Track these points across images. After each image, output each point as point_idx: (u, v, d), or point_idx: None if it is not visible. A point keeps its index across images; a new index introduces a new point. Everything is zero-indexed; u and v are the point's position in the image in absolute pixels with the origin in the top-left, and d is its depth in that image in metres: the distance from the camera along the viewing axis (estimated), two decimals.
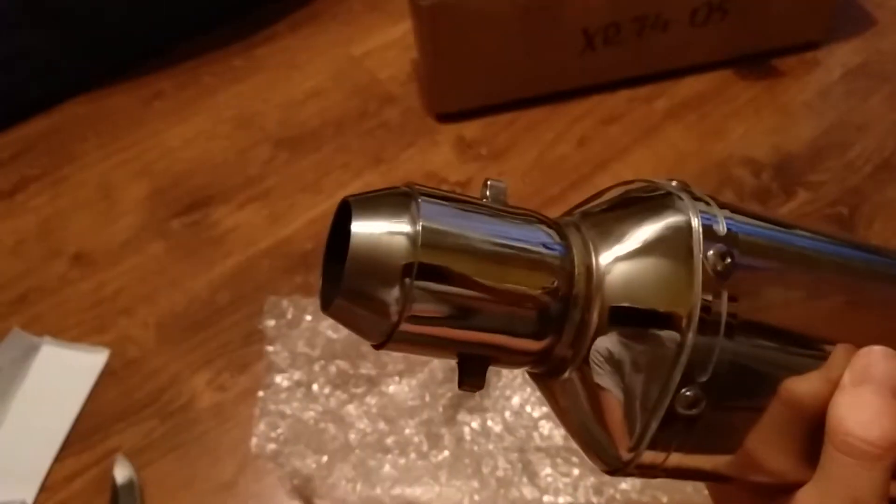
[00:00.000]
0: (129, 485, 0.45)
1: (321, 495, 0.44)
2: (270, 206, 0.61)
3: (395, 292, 0.19)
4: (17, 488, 0.46)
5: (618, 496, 0.44)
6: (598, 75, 0.65)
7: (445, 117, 0.66)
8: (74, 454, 0.48)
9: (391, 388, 0.48)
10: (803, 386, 0.21)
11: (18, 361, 0.51)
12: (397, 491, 0.44)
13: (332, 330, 0.50)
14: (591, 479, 0.44)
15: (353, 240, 0.19)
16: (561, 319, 0.20)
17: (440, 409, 0.47)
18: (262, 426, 0.47)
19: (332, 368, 0.49)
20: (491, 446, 0.46)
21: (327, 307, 0.20)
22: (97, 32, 0.69)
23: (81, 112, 0.69)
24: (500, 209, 0.21)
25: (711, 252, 0.20)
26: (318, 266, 0.59)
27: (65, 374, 0.50)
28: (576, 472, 0.45)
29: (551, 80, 0.65)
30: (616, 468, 0.22)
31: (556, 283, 0.20)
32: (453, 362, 0.22)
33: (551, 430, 0.46)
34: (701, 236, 0.20)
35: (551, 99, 0.65)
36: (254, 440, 0.47)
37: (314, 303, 0.52)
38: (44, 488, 0.47)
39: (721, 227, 0.21)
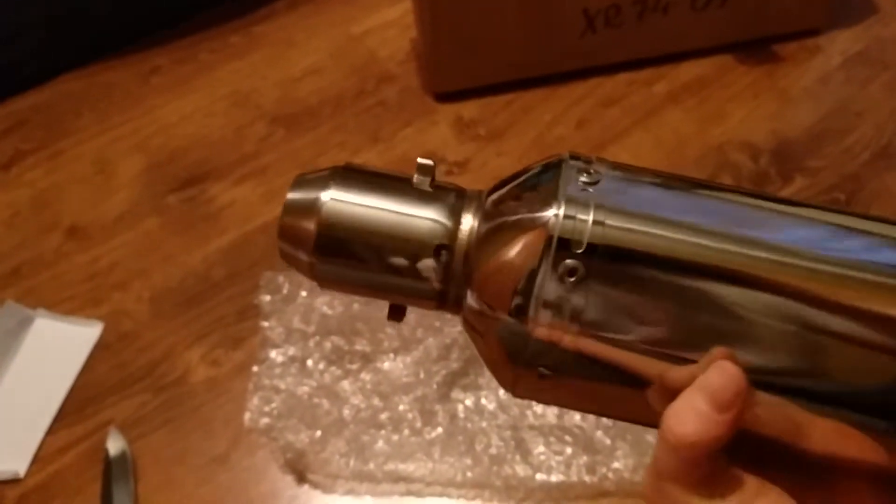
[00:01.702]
0: (122, 457, 0.45)
1: (314, 470, 0.44)
2: (267, 183, 0.61)
3: (304, 255, 0.25)
4: (9, 460, 0.46)
5: (610, 475, 0.44)
6: (598, 57, 0.65)
7: (444, 97, 0.65)
8: (67, 426, 0.48)
9: (386, 365, 0.48)
10: (674, 374, 0.23)
11: (12, 333, 0.51)
12: (390, 466, 0.44)
13: (327, 306, 0.50)
14: (584, 458, 0.44)
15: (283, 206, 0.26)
16: (446, 268, 0.24)
17: (434, 387, 0.47)
18: (255, 401, 0.47)
19: (327, 344, 0.49)
20: (484, 424, 0.46)
21: None
22: (95, 7, 0.69)
23: (78, 87, 0.69)
24: (413, 186, 0.25)
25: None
26: None
27: (58, 347, 0.50)
28: (569, 450, 0.45)
29: (551, 61, 0.64)
30: (517, 354, 0.23)
31: (438, 242, 0.24)
32: (448, 340, 0.24)
33: (545, 409, 0.46)
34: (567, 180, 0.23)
35: (551, 80, 0.65)
36: (247, 414, 0.47)
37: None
38: (36, 460, 0.47)
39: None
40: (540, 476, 0.44)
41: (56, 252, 0.57)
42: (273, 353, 0.48)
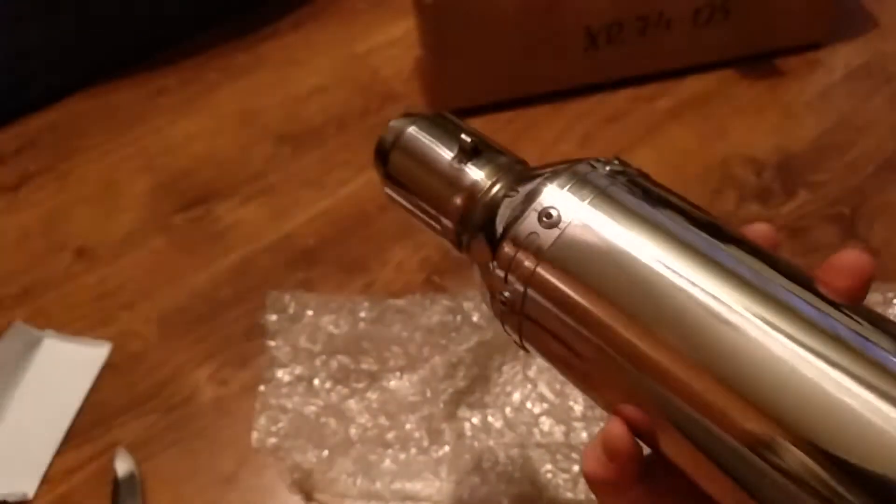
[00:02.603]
0: (130, 478, 0.45)
1: (321, 489, 0.44)
2: (273, 202, 0.61)
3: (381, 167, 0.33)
4: (18, 481, 0.46)
5: None
6: (600, 74, 0.65)
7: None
8: (75, 447, 0.48)
9: (392, 384, 0.48)
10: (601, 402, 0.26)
11: (20, 355, 0.52)
12: (397, 486, 0.44)
13: (333, 325, 0.50)
14: None
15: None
16: (463, 213, 0.29)
17: (441, 405, 0.47)
18: (262, 420, 0.47)
19: (334, 363, 0.49)
20: (491, 442, 0.46)
21: None
22: (101, 28, 0.69)
23: (85, 107, 0.69)
24: (480, 143, 0.31)
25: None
26: (319, 262, 0.59)
27: (67, 368, 0.51)
28: (576, 468, 0.45)
29: (554, 78, 0.65)
30: (500, 273, 0.26)
31: (463, 195, 0.29)
32: (454, 358, 0.33)
33: (552, 427, 0.46)
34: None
35: (553, 97, 0.66)
36: (254, 434, 0.47)
37: (316, 298, 0.52)
38: (45, 481, 0.47)
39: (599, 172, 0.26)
40: (548, 494, 0.44)
41: (65, 273, 0.57)
42: (279, 373, 0.49)
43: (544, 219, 0.25)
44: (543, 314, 0.25)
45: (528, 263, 0.25)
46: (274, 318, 0.51)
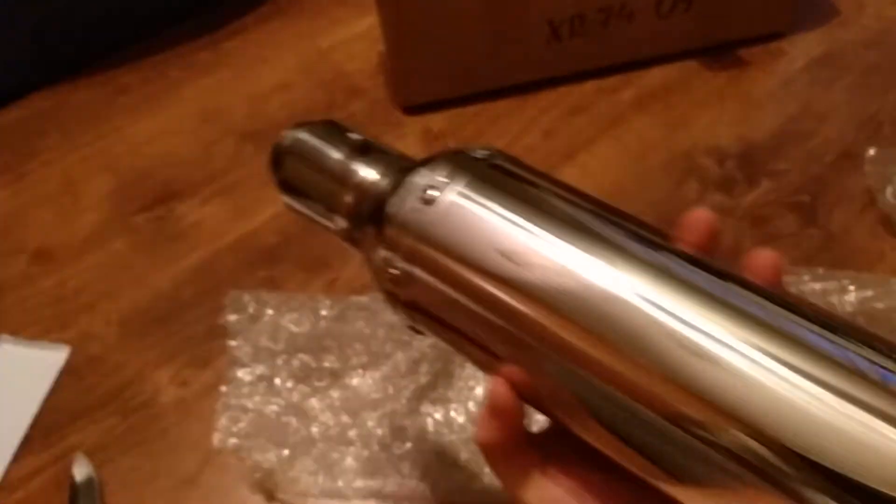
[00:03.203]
0: (89, 482, 0.45)
1: (283, 489, 0.44)
2: (235, 201, 0.61)
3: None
4: None
5: None
6: (564, 66, 0.65)
7: (412, 109, 0.65)
8: (33, 453, 0.47)
9: (354, 381, 0.48)
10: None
11: None
12: (359, 483, 0.44)
13: (294, 324, 0.50)
14: None
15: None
16: (355, 210, 0.31)
17: (403, 401, 0.47)
18: (223, 421, 0.46)
19: (295, 362, 0.49)
20: (454, 437, 0.46)
21: None
22: (60, 26, 0.68)
23: (44, 107, 0.68)
24: (367, 142, 0.33)
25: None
26: (282, 260, 0.59)
27: (23, 373, 0.50)
28: None
29: (517, 71, 0.65)
30: (382, 253, 0.28)
31: (353, 192, 0.31)
32: (416, 354, 0.38)
33: None
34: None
35: (518, 90, 0.65)
36: (216, 435, 0.46)
37: (276, 297, 0.52)
38: (1, 487, 0.46)
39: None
40: None
41: (21, 276, 0.56)
42: (240, 373, 0.48)
43: (424, 199, 0.26)
44: (427, 288, 0.27)
45: (409, 241, 0.27)
46: (234, 317, 0.50)
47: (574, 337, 0.23)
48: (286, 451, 0.45)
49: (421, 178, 0.28)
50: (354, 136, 0.32)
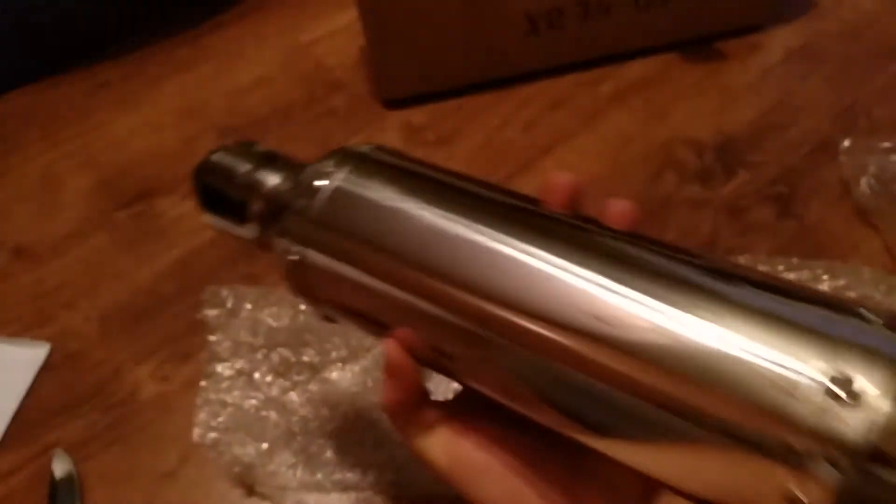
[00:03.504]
0: (69, 478, 0.45)
1: (262, 482, 0.44)
2: None
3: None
4: None
5: None
6: (543, 60, 0.65)
7: (393, 103, 0.66)
8: (13, 450, 0.47)
9: (334, 375, 0.48)
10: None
11: None
12: (338, 476, 0.44)
13: (273, 318, 0.50)
14: None
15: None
16: (265, 215, 0.34)
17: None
18: (202, 415, 0.47)
19: (275, 356, 0.49)
20: None
21: None
22: (41, 23, 0.68)
23: (24, 104, 0.68)
24: (274, 153, 0.36)
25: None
26: (263, 256, 0.59)
27: (3, 370, 0.50)
28: None
29: (497, 65, 0.65)
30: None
31: (261, 199, 0.34)
32: None
33: None
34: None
35: (498, 84, 0.66)
36: (195, 430, 0.47)
37: (255, 291, 0.52)
38: None
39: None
40: None
41: (1, 273, 0.56)
42: (220, 367, 0.48)
43: (313, 189, 0.30)
44: (320, 267, 0.29)
45: (301, 225, 0.30)
46: (214, 312, 0.51)
47: (450, 289, 0.26)
48: (265, 445, 0.45)
49: (311, 172, 0.31)
50: (262, 149, 0.36)
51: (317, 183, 0.30)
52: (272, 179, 0.33)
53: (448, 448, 0.29)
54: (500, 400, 0.27)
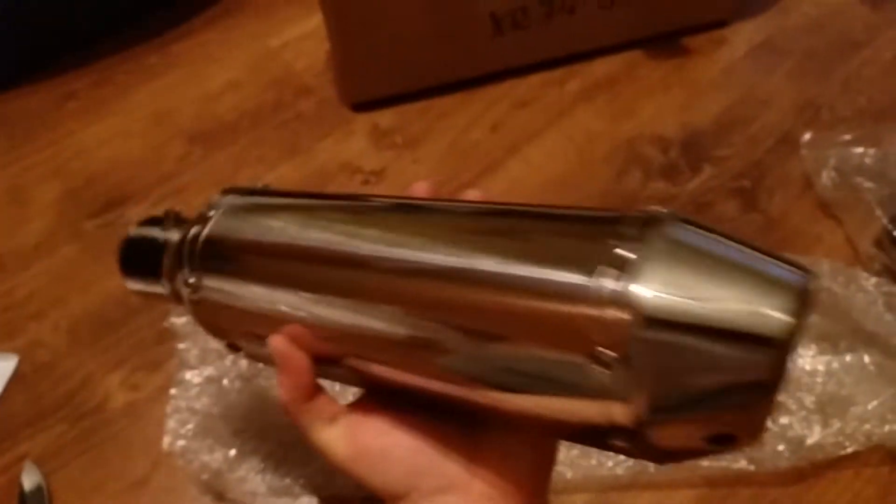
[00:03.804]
0: (38, 490, 0.45)
1: (231, 488, 0.45)
2: (185, 203, 0.61)
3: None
4: None
5: None
6: (509, 60, 0.66)
7: (360, 106, 0.66)
8: None
9: None
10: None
11: None
12: (306, 480, 0.45)
13: None
14: None
15: None
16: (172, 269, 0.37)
17: (350, 398, 0.47)
18: (171, 423, 0.47)
19: (243, 363, 0.49)
20: None
21: None
22: (6, 32, 0.68)
23: None
24: (178, 218, 0.39)
25: None
26: None
27: None
28: None
29: (463, 66, 0.65)
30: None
31: (168, 255, 0.37)
32: None
33: None
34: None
35: (464, 85, 0.66)
36: (165, 438, 0.47)
37: None
38: None
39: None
40: None
41: None
42: (188, 375, 0.49)
43: (202, 223, 0.35)
44: (214, 288, 0.34)
45: (196, 254, 0.34)
46: (181, 320, 0.51)
47: (302, 268, 0.31)
48: (233, 452, 0.45)
49: (202, 212, 0.36)
50: (176, 215, 0.39)
51: (195, 230, 0.35)
52: (175, 236, 0.36)
53: (349, 438, 0.31)
54: (381, 374, 0.30)
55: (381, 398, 0.31)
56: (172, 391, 0.49)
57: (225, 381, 0.49)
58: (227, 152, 0.64)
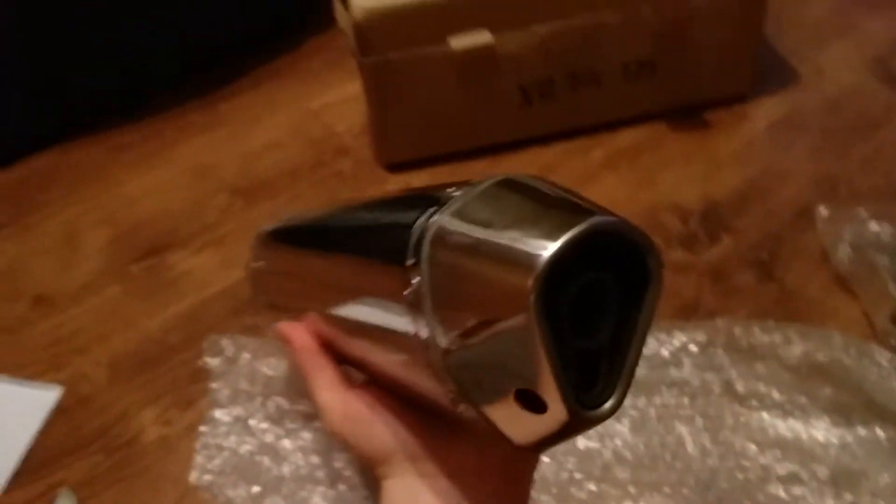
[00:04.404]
0: None
1: None
2: (224, 252, 0.64)
3: None
4: None
5: None
6: (536, 128, 0.69)
7: (395, 167, 0.69)
8: (21, 486, 0.50)
9: None
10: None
11: None
12: None
13: (269, 368, 0.53)
14: None
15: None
16: None
17: None
18: (199, 458, 0.49)
19: (271, 405, 0.51)
20: None
21: None
22: (68, 88, 0.73)
23: (49, 164, 0.73)
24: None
25: None
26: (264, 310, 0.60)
27: (17, 410, 0.53)
28: None
29: (492, 132, 0.69)
30: None
31: None
32: None
33: None
34: None
35: (493, 150, 0.69)
36: (193, 473, 0.49)
37: (254, 341, 0.55)
38: None
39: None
40: None
41: (21, 319, 0.60)
42: (218, 413, 0.51)
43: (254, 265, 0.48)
44: (265, 272, 0.47)
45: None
46: (215, 361, 0.53)
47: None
48: (257, 489, 0.47)
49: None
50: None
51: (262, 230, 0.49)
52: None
53: (344, 403, 0.36)
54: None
55: (380, 387, 0.36)
56: (202, 428, 0.51)
57: (252, 422, 0.51)
58: (267, 206, 0.68)
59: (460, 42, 0.62)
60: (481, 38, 0.62)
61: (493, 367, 0.25)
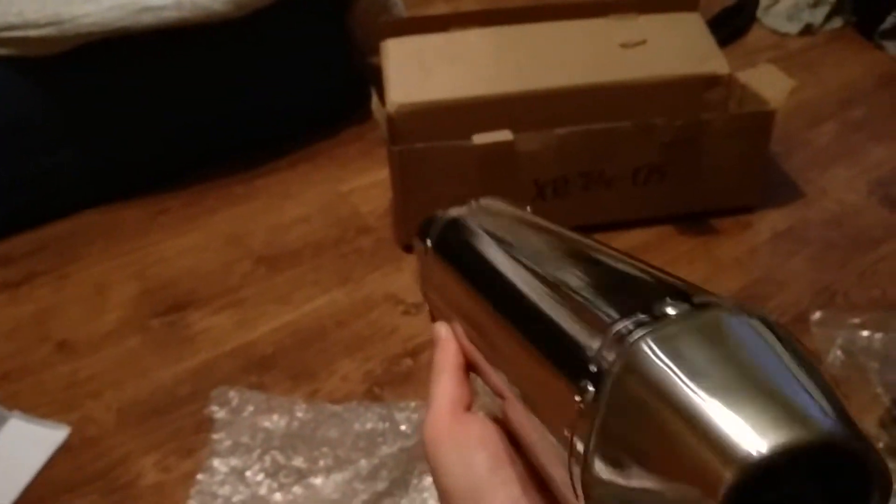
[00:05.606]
0: None
1: None
2: (242, 313, 0.68)
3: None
4: None
5: None
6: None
7: (411, 248, 0.73)
8: None
9: (318, 481, 0.52)
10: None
11: None
12: None
13: (270, 423, 0.55)
14: None
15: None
16: None
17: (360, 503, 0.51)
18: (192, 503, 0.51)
19: (267, 458, 0.53)
20: None
21: None
22: (122, 153, 0.79)
23: (95, 220, 0.78)
24: None
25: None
26: (273, 368, 0.65)
27: (25, 446, 0.55)
28: None
29: None
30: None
31: None
32: (376, 461, 0.47)
33: None
34: None
35: None
36: None
37: (258, 396, 0.57)
38: None
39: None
40: None
41: (43, 362, 0.63)
42: (216, 463, 0.53)
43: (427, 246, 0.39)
44: (435, 279, 0.38)
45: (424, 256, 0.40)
46: (220, 413, 0.56)
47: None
48: None
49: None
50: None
51: (424, 244, 0.40)
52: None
53: (453, 407, 0.32)
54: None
55: (501, 425, 0.32)
56: (199, 476, 0.53)
57: (248, 473, 0.53)
58: (288, 275, 0.72)
59: (483, 138, 0.67)
60: (502, 135, 0.67)
61: None
